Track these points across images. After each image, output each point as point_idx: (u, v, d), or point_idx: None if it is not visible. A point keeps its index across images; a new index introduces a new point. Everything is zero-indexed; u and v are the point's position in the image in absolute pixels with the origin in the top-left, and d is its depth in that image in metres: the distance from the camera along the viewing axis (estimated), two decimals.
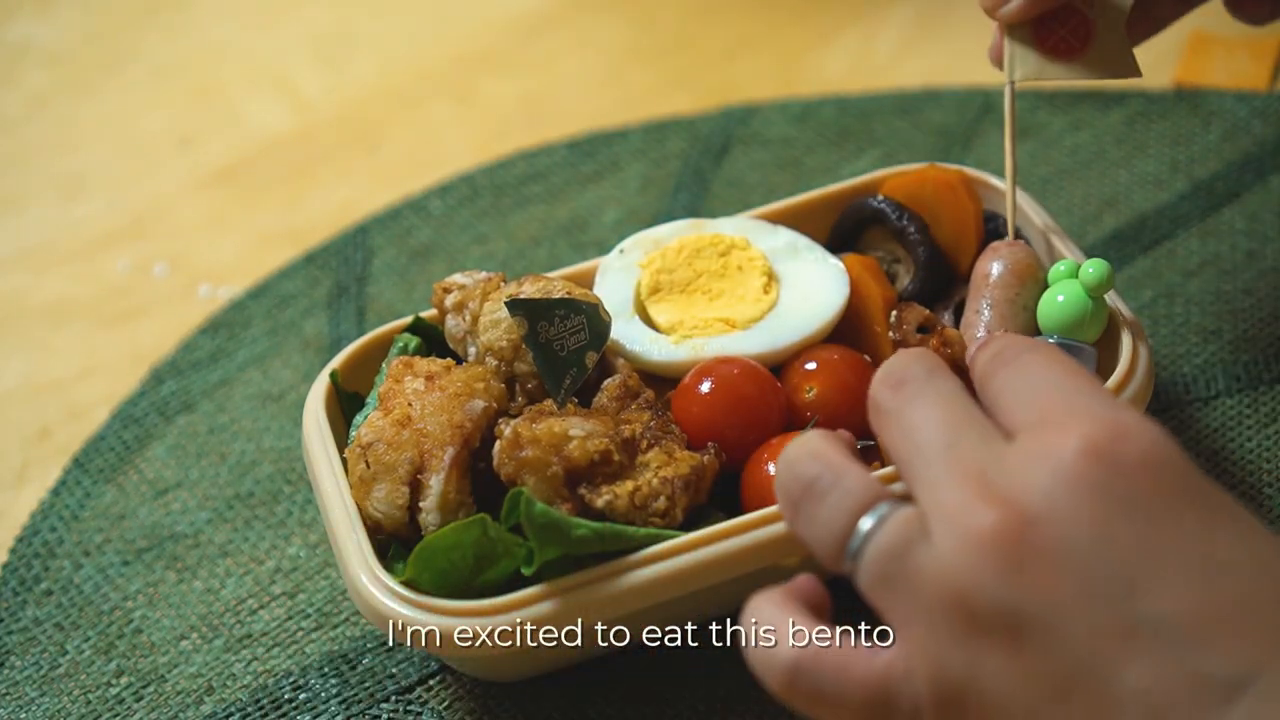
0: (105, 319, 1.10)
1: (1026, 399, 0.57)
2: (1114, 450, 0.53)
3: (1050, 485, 0.52)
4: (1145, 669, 0.50)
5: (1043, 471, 0.53)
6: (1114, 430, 0.53)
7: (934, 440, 0.56)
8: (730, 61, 1.28)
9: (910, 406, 0.58)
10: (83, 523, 0.94)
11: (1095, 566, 0.51)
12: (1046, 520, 0.52)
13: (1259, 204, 1.04)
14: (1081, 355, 0.80)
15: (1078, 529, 0.52)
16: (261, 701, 0.83)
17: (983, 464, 0.54)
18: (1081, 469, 0.52)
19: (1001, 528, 0.52)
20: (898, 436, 0.58)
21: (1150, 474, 0.53)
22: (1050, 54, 0.82)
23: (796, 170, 1.14)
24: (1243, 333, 0.95)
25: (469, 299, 0.83)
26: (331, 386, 0.84)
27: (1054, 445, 0.53)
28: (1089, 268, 0.81)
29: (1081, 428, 0.53)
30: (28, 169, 1.26)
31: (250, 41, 1.38)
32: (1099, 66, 0.83)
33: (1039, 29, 0.83)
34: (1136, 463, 0.53)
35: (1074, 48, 0.82)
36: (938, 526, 0.54)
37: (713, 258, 0.88)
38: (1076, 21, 0.82)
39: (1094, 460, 0.52)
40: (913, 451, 0.57)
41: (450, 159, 1.19)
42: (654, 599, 0.73)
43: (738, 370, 0.81)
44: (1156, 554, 0.51)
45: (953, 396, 0.58)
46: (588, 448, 0.75)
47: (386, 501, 0.76)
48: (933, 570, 0.54)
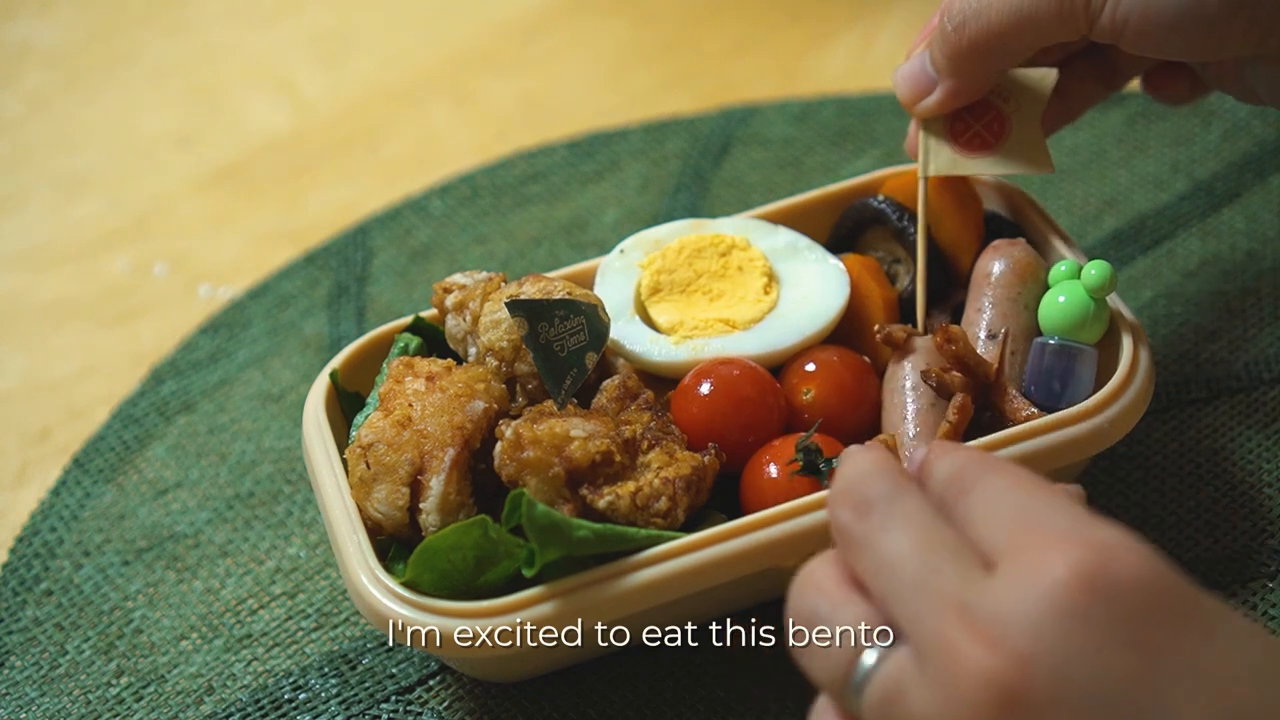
0: (105, 319, 1.10)
1: (1001, 524, 0.55)
2: (1102, 576, 0.51)
3: (1039, 620, 0.50)
4: None
5: (1029, 604, 0.51)
6: (1099, 554, 0.51)
7: (912, 573, 0.54)
8: (730, 61, 1.28)
9: (881, 536, 0.56)
10: (83, 523, 0.94)
11: (1096, 704, 0.49)
12: (1040, 662, 0.50)
13: (1259, 204, 1.04)
14: (1082, 356, 0.80)
15: (1073, 668, 0.50)
16: (261, 701, 0.83)
17: (965, 596, 0.52)
18: (1069, 599, 0.50)
19: (994, 674, 0.50)
20: (871, 569, 0.56)
21: (1141, 596, 0.51)
22: (964, 148, 0.84)
23: (796, 170, 1.14)
24: (1243, 333, 0.95)
25: (469, 299, 0.83)
26: (332, 386, 0.84)
27: (1038, 573, 0.51)
28: (1091, 269, 0.81)
29: (1065, 554, 0.51)
30: (28, 169, 1.26)
31: (250, 41, 1.38)
32: (1013, 161, 0.84)
33: (954, 123, 0.84)
34: (1127, 587, 0.51)
35: (988, 142, 0.84)
36: (928, 668, 0.52)
37: (713, 258, 0.88)
38: (991, 116, 0.84)
39: (1081, 589, 0.50)
40: (892, 584, 0.55)
41: (450, 159, 1.19)
42: (654, 601, 0.73)
43: (737, 371, 0.81)
44: (1159, 682, 0.50)
45: (922, 519, 0.56)
46: (589, 448, 0.75)
47: (387, 502, 0.76)
48: (923, 711, 0.52)
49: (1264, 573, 0.82)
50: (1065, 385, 0.80)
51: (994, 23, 0.78)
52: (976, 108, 0.84)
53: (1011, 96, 0.84)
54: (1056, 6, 0.76)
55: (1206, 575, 0.82)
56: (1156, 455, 0.88)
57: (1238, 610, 0.52)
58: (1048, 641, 0.50)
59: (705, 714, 0.79)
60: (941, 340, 0.80)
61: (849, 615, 0.56)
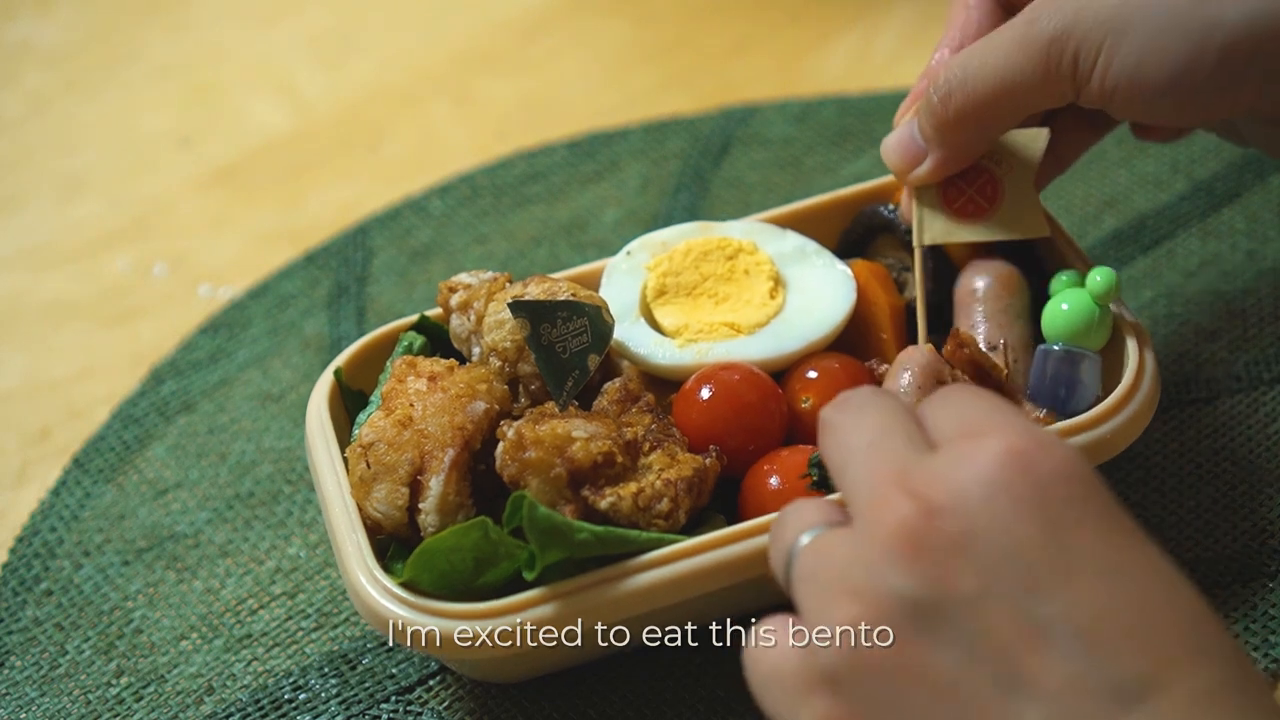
0: (105, 319, 1.10)
1: (953, 417, 0.58)
2: (1030, 458, 0.54)
3: (964, 482, 0.53)
4: (1043, 670, 0.50)
5: (959, 471, 0.54)
6: (1034, 442, 0.54)
7: (864, 446, 0.57)
8: (730, 61, 1.28)
9: (846, 416, 0.60)
10: (83, 523, 0.94)
11: (997, 562, 0.52)
12: (953, 512, 0.53)
13: (1259, 204, 1.04)
14: (1087, 362, 0.80)
15: (982, 524, 0.52)
16: (261, 701, 0.83)
17: (904, 463, 0.56)
18: (996, 471, 0.53)
19: (906, 518, 0.53)
20: (832, 445, 0.59)
21: (1063, 484, 0.53)
22: (958, 214, 0.83)
23: (796, 170, 1.14)
24: (1243, 333, 0.95)
25: (474, 299, 0.83)
26: (335, 384, 0.84)
27: (974, 450, 0.54)
28: (1096, 275, 0.81)
29: (1003, 437, 0.54)
30: (28, 169, 1.26)
31: (250, 41, 1.38)
32: (1008, 225, 0.83)
33: (947, 190, 0.83)
34: (1050, 472, 0.53)
35: (982, 208, 0.83)
36: (856, 523, 0.56)
37: (720, 261, 0.87)
38: (984, 180, 0.83)
39: (1010, 465, 0.53)
40: (844, 456, 0.58)
41: (450, 159, 1.19)
42: (654, 604, 0.73)
43: (739, 377, 0.81)
44: (1061, 558, 0.52)
45: (889, 408, 0.59)
46: (591, 449, 0.75)
47: (386, 502, 0.76)
48: (842, 558, 0.55)
49: (1264, 573, 0.82)
50: (1071, 391, 0.80)
51: (979, 93, 0.78)
52: (969, 173, 0.83)
53: (1003, 159, 0.83)
54: (1042, 75, 0.76)
55: (1206, 575, 0.82)
56: (1156, 455, 0.88)
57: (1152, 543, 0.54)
58: (965, 499, 0.53)
59: (705, 714, 0.79)
60: (954, 346, 0.80)
61: (806, 507, 0.60)
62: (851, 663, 0.53)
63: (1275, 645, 0.78)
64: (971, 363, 0.79)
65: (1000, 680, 0.51)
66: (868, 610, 0.53)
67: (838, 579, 0.54)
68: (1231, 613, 0.80)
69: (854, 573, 0.54)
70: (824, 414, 0.61)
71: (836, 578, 0.54)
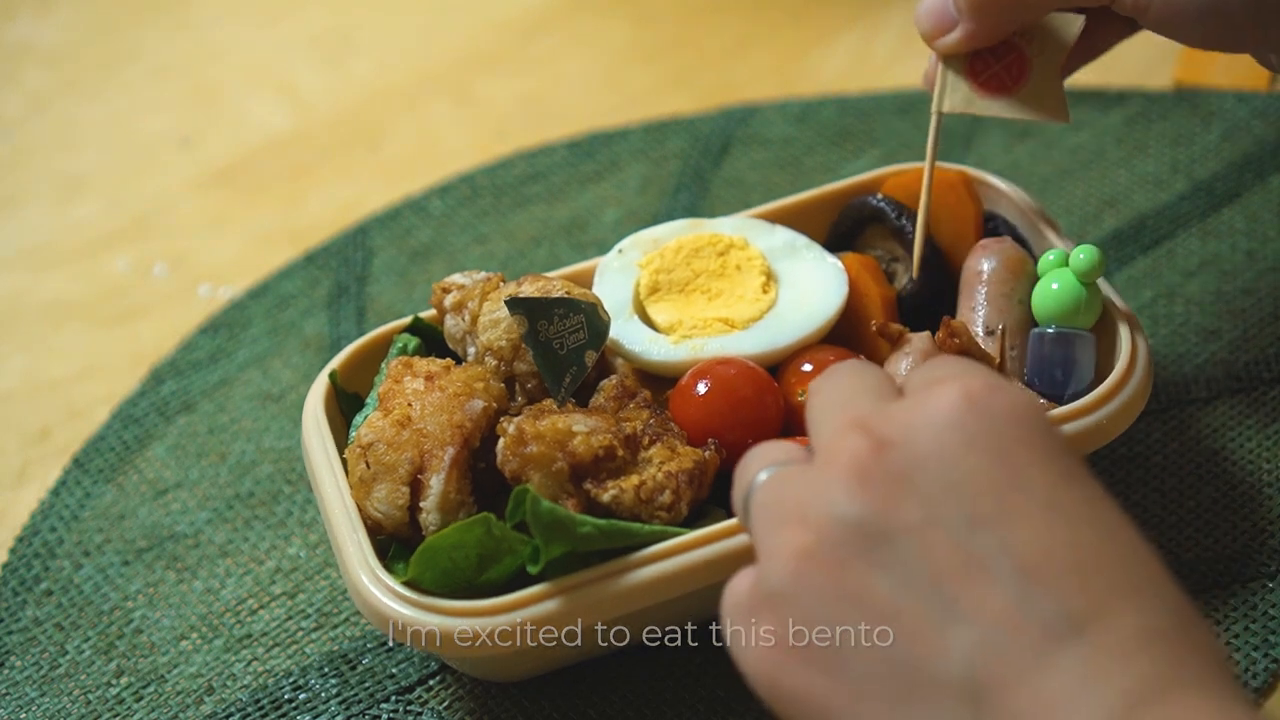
0: (105, 319, 1.10)
1: (924, 373, 0.59)
2: (984, 399, 0.55)
3: (917, 420, 0.55)
4: (979, 600, 0.51)
5: (915, 412, 0.55)
6: (988, 386, 0.55)
7: (835, 400, 0.59)
8: (730, 61, 1.28)
9: (826, 381, 0.61)
10: (83, 523, 0.94)
11: (942, 493, 0.53)
12: (903, 445, 0.54)
13: (1259, 204, 1.04)
14: (1081, 342, 0.81)
15: (931, 457, 0.54)
16: (261, 701, 0.83)
17: (868, 413, 0.57)
18: (949, 410, 0.54)
19: (856, 450, 0.55)
20: (810, 408, 0.61)
21: (1014, 425, 0.54)
22: (982, 88, 0.83)
23: (796, 170, 1.14)
24: (1243, 333, 0.95)
25: (468, 299, 0.83)
26: (331, 387, 0.84)
27: (932, 394, 0.56)
28: (1079, 254, 0.81)
29: (959, 382, 0.56)
30: (28, 169, 1.26)
31: (250, 41, 1.38)
32: (1030, 106, 0.83)
33: (974, 62, 0.83)
34: (1003, 413, 0.55)
35: (1006, 84, 0.83)
36: (815, 460, 0.57)
37: (711, 257, 0.88)
38: (1013, 58, 0.83)
39: (963, 404, 0.54)
40: (818, 414, 0.59)
41: (450, 159, 1.20)
42: (654, 599, 0.73)
43: (734, 371, 0.81)
44: (1005, 494, 0.53)
45: (867, 371, 0.61)
46: (592, 443, 0.75)
47: (387, 502, 0.76)
48: (795, 490, 0.56)
49: (1264, 573, 0.82)
50: (1068, 373, 0.80)
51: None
52: (999, 47, 0.83)
53: (1035, 39, 0.83)
54: None
55: (1206, 575, 0.82)
56: (1156, 455, 0.88)
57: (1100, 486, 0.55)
58: (915, 434, 0.54)
59: (705, 714, 0.79)
60: (945, 335, 0.80)
61: (770, 446, 0.61)
62: (795, 584, 0.54)
63: (1275, 645, 0.78)
64: (963, 352, 0.79)
65: (935, 607, 0.52)
66: (812, 535, 0.54)
67: (791, 508, 0.56)
68: (1231, 613, 0.80)
69: (804, 501, 0.55)
70: (812, 384, 0.62)
71: (789, 508, 0.56)
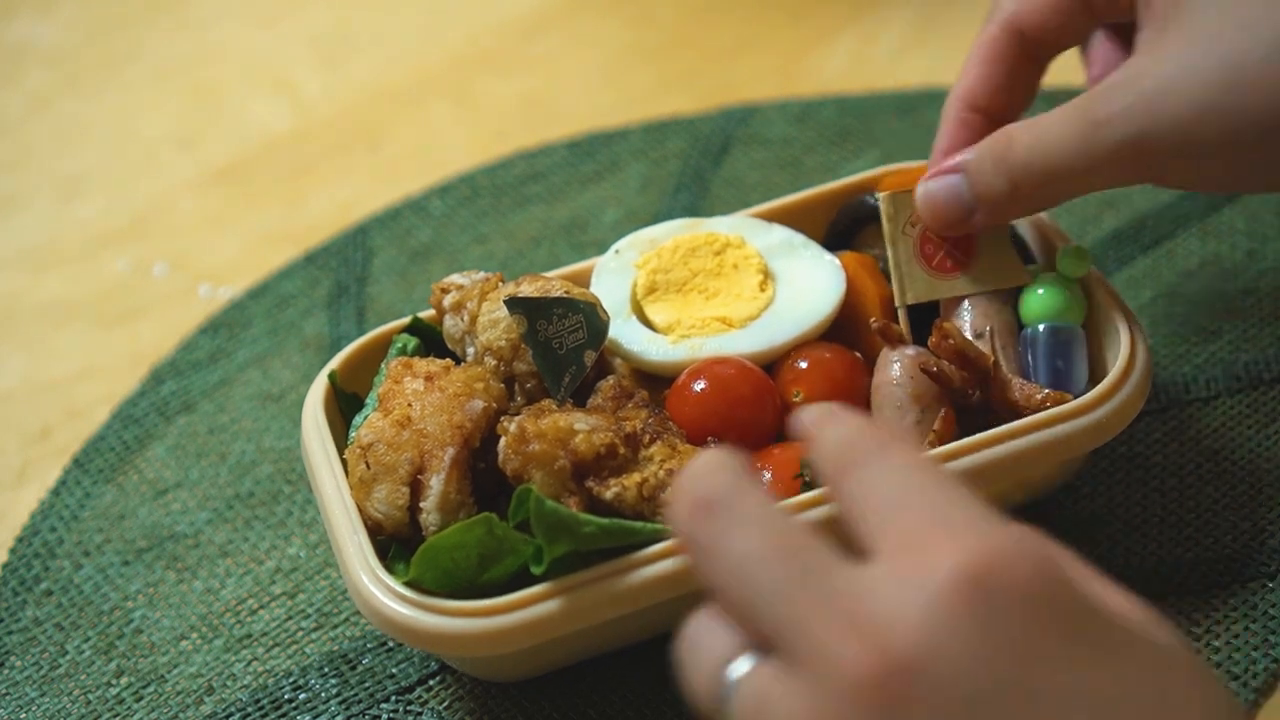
0: (105, 319, 1.10)
1: (888, 512, 0.51)
2: (991, 581, 0.48)
3: (923, 623, 0.48)
4: None
5: (914, 605, 0.48)
6: (990, 557, 0.48)
7: (779, 579, 0.51)
8: (730, 61, 1.28)
9: (728, 540, 0.52)
10: (83, 523, 0.94)
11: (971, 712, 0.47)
12: (922, 666, 0.47)
13: (1259, 204, 1.04)
14: (1073, 336, 0.81)
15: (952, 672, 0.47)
16: (261, 701, 0.83)
17: (845, 597, 0.49)
18: (956, 604, 0.48)
19: (872, 674, 0.47)
20: (727, 578, 0.52)
21: (1032, 609, 0.48)
22: (936, 269, 0.84)
23: (796, 170, 1.14)
24: (1243, 333, 0.95)
25: (467, 299, 0.83)
26: (330, 387, 0.84)
27: (924, 572, 0.48)
28: (1064, 257, 0.82)
29: (954, 554, 0.48)
30: (28, 169, 1.26)
31: (250, 41, 1.38)
32: (986, 279, 0.83)
33: (923, 246, 0.84)
34: (1018, 597, 0.48)
35: (960, 261, 0.83)
36: (800, 670, 0.49)
37: (708, 256, 0.88)
38: (960, 237, 0.83)
39: (970, 593, 0.48)
40: (754, 595, 0.51)
41: (450, 159, 1.19)
42: (654, 598, 0.73)
43: (732, 370, 0.81)
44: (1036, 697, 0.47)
45: (770, 517, 0.52)
46: (594, 441, 0.75)
47: (387, 502, 0.76)
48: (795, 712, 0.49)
49: (1264, 573, 0.82)
50: (1069, 363, 0.81)
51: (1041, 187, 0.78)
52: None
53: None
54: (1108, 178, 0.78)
55: (1206, 575, 0.82)
56: (1156, 455, 0.88)
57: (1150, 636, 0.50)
58: (932, 648, 0.47)
59: None
60: (937, 339, 0.80)
61: (719, 632, 0.53)
62: None
63: (1275, 645, 0.78)
64: (957, 352, 0.79)
65: None
66: None
67: None
68: (1231, 613, 0.80)
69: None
70: (682, 525, 0.54)
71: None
